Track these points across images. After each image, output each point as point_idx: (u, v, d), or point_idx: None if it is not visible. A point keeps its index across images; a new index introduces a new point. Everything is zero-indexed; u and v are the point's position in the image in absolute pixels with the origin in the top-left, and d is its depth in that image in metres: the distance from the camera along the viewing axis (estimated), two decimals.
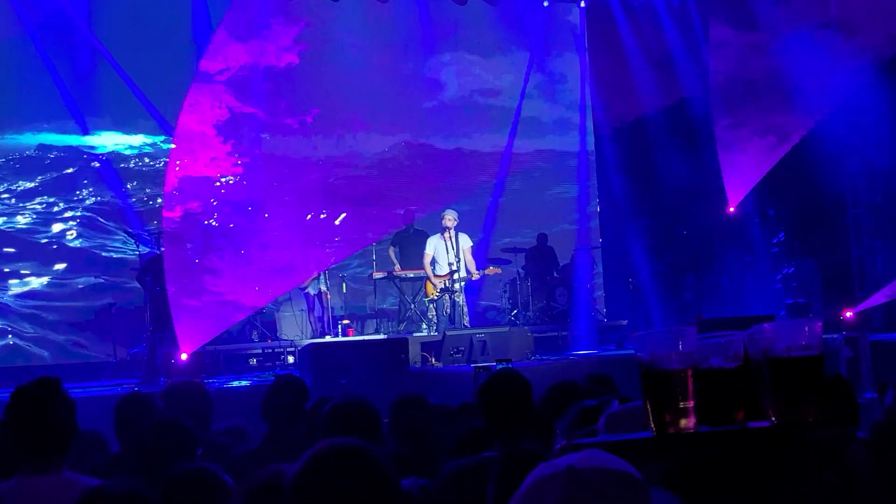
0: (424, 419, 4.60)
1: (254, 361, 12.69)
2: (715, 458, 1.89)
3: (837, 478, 2.40)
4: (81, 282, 13.58)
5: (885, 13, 12.52)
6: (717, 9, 13.73)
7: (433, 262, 12.71)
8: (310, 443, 3.75)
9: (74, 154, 13.81)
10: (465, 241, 12.77)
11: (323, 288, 13.37)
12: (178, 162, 13.88)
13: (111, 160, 13.95)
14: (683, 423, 1.91)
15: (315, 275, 13.37)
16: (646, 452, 1.90)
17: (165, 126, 14.01)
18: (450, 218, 12.63)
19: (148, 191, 14.18)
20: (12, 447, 3.20)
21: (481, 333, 11.25)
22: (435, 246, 12.71)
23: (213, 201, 14.10)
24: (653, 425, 1.93)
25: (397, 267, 13.51)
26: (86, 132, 13.63)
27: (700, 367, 1.94)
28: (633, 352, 2.08)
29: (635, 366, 1.98)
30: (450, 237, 12.56)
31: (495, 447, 3.73)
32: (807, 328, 1.96)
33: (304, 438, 4.58)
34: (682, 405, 1.91)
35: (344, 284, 14.02)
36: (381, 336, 12.79)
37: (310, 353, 9.84)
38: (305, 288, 13.43)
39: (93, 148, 13.84)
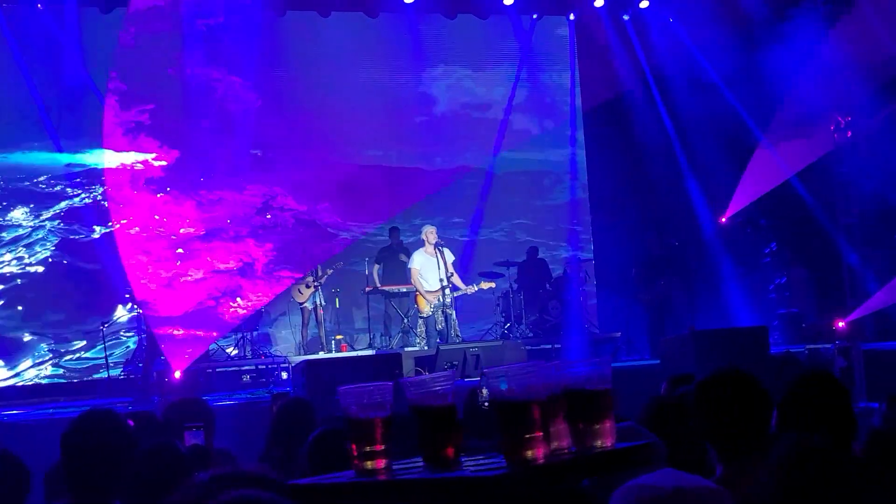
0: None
1: (247, 378, 12.62)
2: None
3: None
4: (75, 300, 13.53)
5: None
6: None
7: (419, 277, 12.60)
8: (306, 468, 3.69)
9: (64, 173, 13.76)
10: (450, 256, 12.64)
11: (319, 302, 13.34)
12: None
13: (102, 177, 13.93)
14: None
15: (313, 288, 13.34)
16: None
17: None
18: (431, 233, 12.52)
19: (133, 216, 14.10)
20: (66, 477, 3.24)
21: (475, 347, 11.22)
22: (422, 262, 12.55)
23: (200, 220, 14.13)
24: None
25: (378, 284, 13.47)
26: (60, 150, 13.55)
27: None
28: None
29: (627, 380, 2.03)
30: (436, 252, 12.46)
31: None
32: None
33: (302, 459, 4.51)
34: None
35: (337, 299, 13.98)
36: (373, 351, 12.74)
37: (303, 370, 9.78)
38: (303, 303, 13.40)
39: (84, 166, 13.79)
